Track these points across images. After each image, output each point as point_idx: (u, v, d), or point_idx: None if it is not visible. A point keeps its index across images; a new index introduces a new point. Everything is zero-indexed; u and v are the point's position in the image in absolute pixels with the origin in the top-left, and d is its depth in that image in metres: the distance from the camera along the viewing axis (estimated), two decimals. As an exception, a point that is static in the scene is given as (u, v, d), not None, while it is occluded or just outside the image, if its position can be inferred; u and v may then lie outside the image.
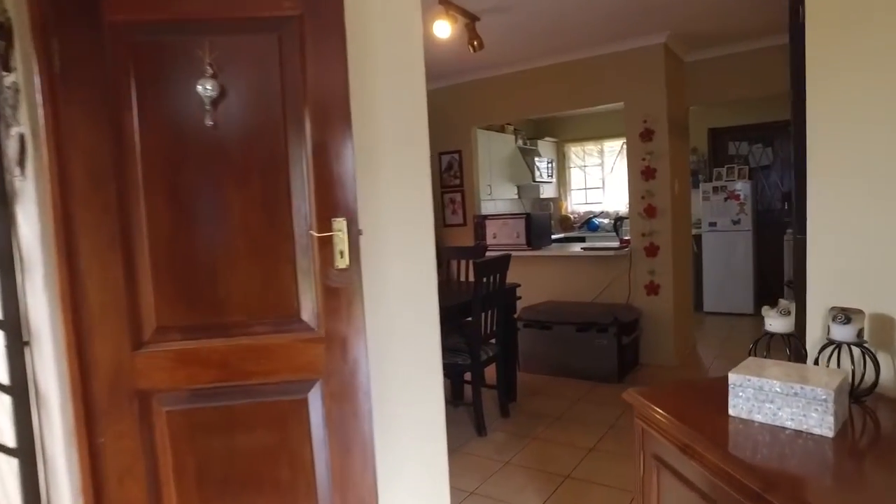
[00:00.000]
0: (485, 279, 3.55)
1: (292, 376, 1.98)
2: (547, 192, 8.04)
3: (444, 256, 4.83)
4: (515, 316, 4.26)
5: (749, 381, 1.37)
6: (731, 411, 1.40)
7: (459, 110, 5.84)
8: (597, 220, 7.79)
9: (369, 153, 2.11)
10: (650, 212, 4.76)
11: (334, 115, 1.91)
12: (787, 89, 4.92)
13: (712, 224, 6.79)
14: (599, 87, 5.00)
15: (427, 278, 2.22)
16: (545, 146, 7.99)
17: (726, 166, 7.00)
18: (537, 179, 7.43)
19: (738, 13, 4.22)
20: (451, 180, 5.96)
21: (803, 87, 1.70)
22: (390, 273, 2.16)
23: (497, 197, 7.03)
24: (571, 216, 8.25)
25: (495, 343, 3.85)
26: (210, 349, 1.88)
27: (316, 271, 1.97)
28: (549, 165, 7.80)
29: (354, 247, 1.97)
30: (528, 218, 5.19)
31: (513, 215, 5.29)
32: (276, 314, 1.98)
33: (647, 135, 4.75)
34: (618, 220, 5.23)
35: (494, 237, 5.40)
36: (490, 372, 3.90)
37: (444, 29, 3.63)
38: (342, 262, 1.96)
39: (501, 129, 7.22)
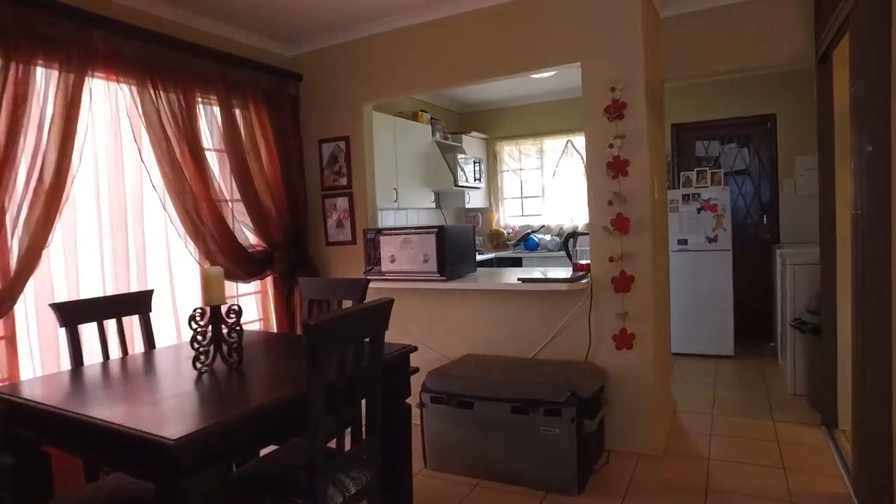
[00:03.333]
0: (340, 353, 1.82)
1: None
2: (475, 200, 6.40)
3: (305, 294, 3.06)
4: (411, 398, 2.53)
5: None
6: None
7: (343, 80, 4.10)
8: (536, 237, 6.20)
9: None
10: (621, 225, 3.15)
11: None
12: (804, 53, 3.35)
13: (682, 242, 5.31)
14: (545, 41, 3.38)
15: None
16: (472, 143, 6.36)
17: (696, 170, 5.57)
18: (461, 183, 5.76)
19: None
20: (334, 179, 4.20)
21: None
22: None
23: (408, 205, 5.31)
24: (505, 231, 6.63)
25: (368, 458, 2.10)
26: None
27: None
28: (477, 167, 6.16)
29: None
30: (440, 234, 3.50)
31: (418, 230, 3.58)
32: None
33: (615, 109, 3.15)
34: (570, 237, 3.60)
35: (392, 261, 3.68)
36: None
37: None
38: None
39: (415, 117, 5.54)
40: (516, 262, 6.01)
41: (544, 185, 6.56)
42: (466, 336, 3.70)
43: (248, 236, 3.86)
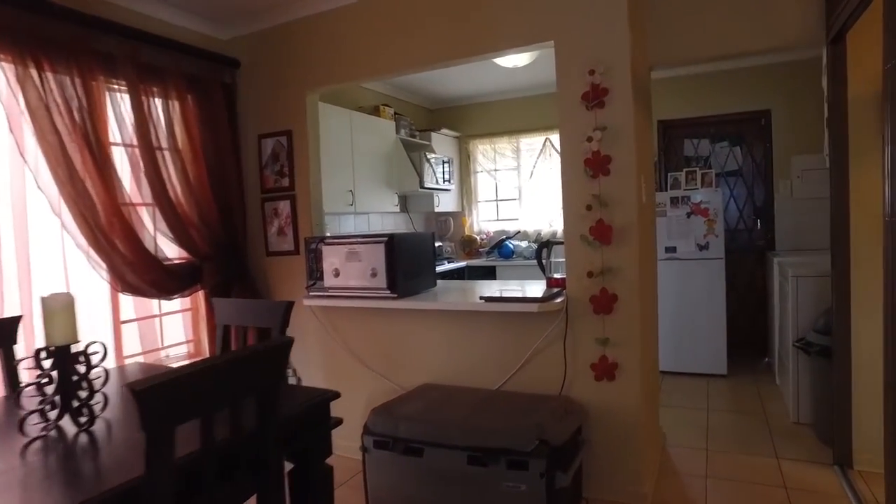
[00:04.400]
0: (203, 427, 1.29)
1: None
2: (446, 203, 5.88)
3: (219, 319, 2.52)
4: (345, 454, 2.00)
5: None
6: None
7: (285, 66, 3.57)
8: (511, 244, 5.69)
9: None
10: (602, 234, 2.64)
11: None
12: (813, 34, 2.73)
13: (670, 249, 4.83)
14: (513, 17, 2.88)
15: None
16: (442, 141, 5.84)
17: (685, 170, 5.09)
18: (428, 185, 5.24)
19: None
20: (275, 179, 3.66)
21: None
22: None
23: (367, 209, 4.77)
24: (478, 237, 6.12)
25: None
26: None
27: None
28: (447, 167, 5.64)
29: None
30: (390, 244, 2.97)
31: (365, 238, 3.06)
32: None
33: (595, 95, 2.65)
34: (544, 247, 3.09)
35: (337, 275, 3.14)
36: None
37: None
38: None
39: (376, 113, 5.01)
40: (490, 272, 5.50)
41: (521, 187, 6.05)
42: (424, 363, 3.17)
43: (171, 247, 3.31)
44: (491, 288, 3.36)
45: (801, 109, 4.96)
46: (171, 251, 3.30)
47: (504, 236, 5.85)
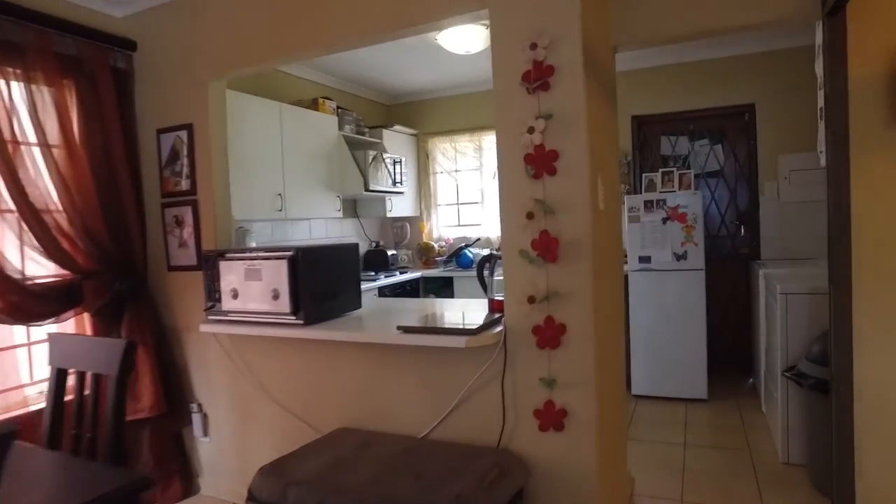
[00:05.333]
0: None
1: None
2: (403, 207, 5.34)
3: (52, 359, 1.95)
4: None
5: None
6: None
7: (186, 48, 3.01)
8: (471, 252, 5.16)
9: None
10: (547, 248, 2.11)
11: None
12: (806, 6, 2.27)
13: (644, 259, 4.32)
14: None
15: None
16: (395, 139, 5.29)
17: (661, 171, 4.59)
18: (374, 187, 4.68)
19: None
20: (174, 182, 3.10)
21: None
22: None
23: (302, 215, 4.21)
24: (436, 245, 5.57)
25: None
26: None
27: None
28: (398, 168, 5.09)
29: None
30: (293, 260, 2.42)
31: (267, 253, 2.51)
32: None
33: (537, 74, 2.12)
34: (487, 260, 2.56)
35: (235, 296, 2.59)
36: None
37: None
38: None
39: (315, 106, 4.46)
40: (447, 284, 4.97)
41: (483, 189, 5.53)
42: (341, 402, 2.63)
43: (40, 261, 2.74)
44: (426, 310, 2.83)
45: (789, 103, 4.49)
46: (46, 266, 2.74)
47: (463, 244, 5.31)
